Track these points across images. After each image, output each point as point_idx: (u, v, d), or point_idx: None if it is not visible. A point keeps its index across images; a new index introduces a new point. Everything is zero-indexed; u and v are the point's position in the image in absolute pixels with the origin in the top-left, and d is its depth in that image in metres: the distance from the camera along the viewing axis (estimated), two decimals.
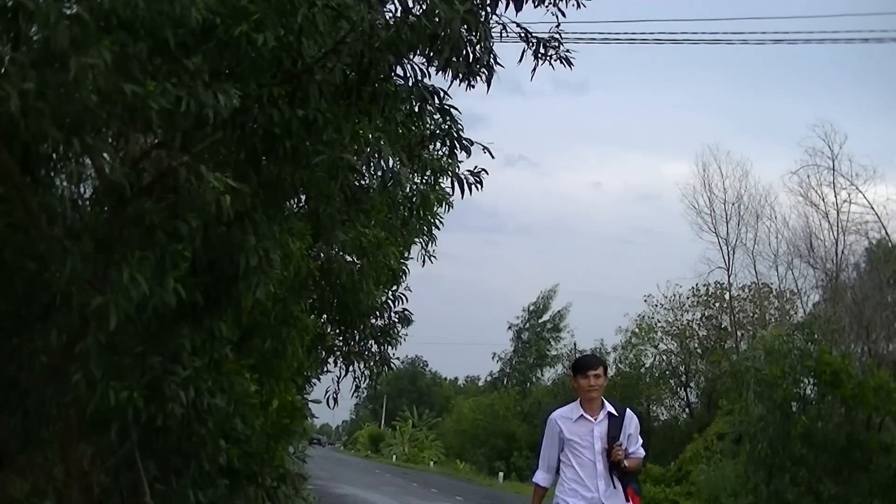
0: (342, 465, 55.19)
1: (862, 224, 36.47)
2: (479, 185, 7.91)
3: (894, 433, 22.11)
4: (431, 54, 6.76)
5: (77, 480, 7.50)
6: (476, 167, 7.96)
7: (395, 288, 13.06)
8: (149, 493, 7.55)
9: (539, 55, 7.25)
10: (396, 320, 13.38)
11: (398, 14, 6.55)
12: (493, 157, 7.82)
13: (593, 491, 6.81)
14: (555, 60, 7.31)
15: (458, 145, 7.65)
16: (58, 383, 6.77)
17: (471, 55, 6.84)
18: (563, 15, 7.23)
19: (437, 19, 6.40)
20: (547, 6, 7.22)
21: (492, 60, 7.00)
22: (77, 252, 6.07)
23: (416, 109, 7.34)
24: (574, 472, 6.89)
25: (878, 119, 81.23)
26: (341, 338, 13.31)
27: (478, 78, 7.00)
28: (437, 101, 7.32)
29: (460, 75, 6.88)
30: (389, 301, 13.10)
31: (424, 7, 6.44)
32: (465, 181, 7.88)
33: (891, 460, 20.81)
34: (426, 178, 9.98)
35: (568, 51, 7.36)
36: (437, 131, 7.71)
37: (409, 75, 7.03)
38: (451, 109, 7.46)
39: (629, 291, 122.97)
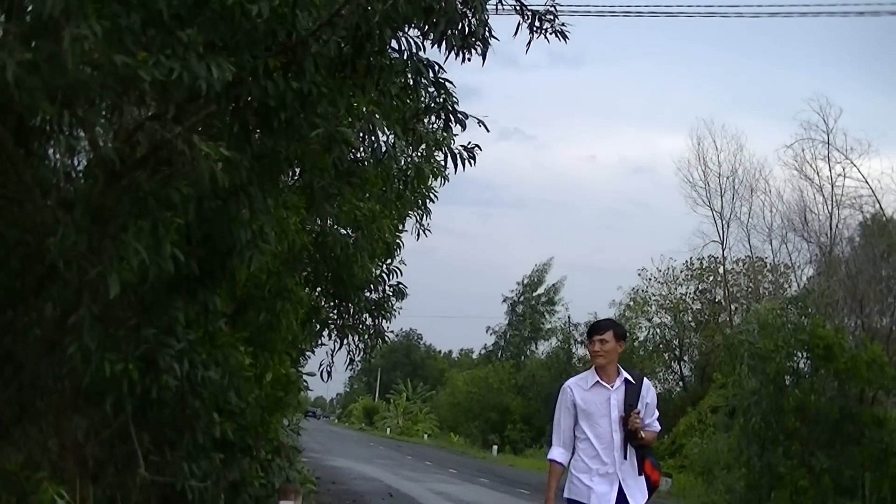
0: (336, 438, 55.36)
1: (856, 198, 36.37)
2: (472, 161, 7.90)
3: (887, 407, 22.20)
4: (427, 27, 6.74)
5: (71, 452, 7.52)
6: (470, 142, 7.95)
7: (389, 261, 13.05)
8: (143, 466, 7.57)
9: (534, 28, 7.20)
10: (391, 293, 13.38)
11: None
12: (487, 130, 7.82)
13: (610, 464, 6.40)
14: (550, 34, 7.25)
15: (452, 119, 7.64)
16: (53, 356, 6.78)
17: (466, 28, 6.81)
18: None
19: None
20: None
21: (487, 33, 6.97)
22: (70, 222, 6.06)
23: (411, 83, 7.33)
24: (590, 446, 6.45)
25: (874, 93, 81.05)
26: (336, 311, 13.32)
27: (473, 51, 6.97)
28: (431, 74, 7.30)
29: (455, 48, 6.85)
30: (384, 274, 13.10)
31: None
32: (458, 156, 7.87)
33: (883, 434, 20.87)
34: (421, 151, 9.96)
35: (563, 24, 7.31)
36: (432, 105, 7.69)
37: (404, 48, 7.02)
38: (446, 83, 7.44)
39: (623, 264, 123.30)
